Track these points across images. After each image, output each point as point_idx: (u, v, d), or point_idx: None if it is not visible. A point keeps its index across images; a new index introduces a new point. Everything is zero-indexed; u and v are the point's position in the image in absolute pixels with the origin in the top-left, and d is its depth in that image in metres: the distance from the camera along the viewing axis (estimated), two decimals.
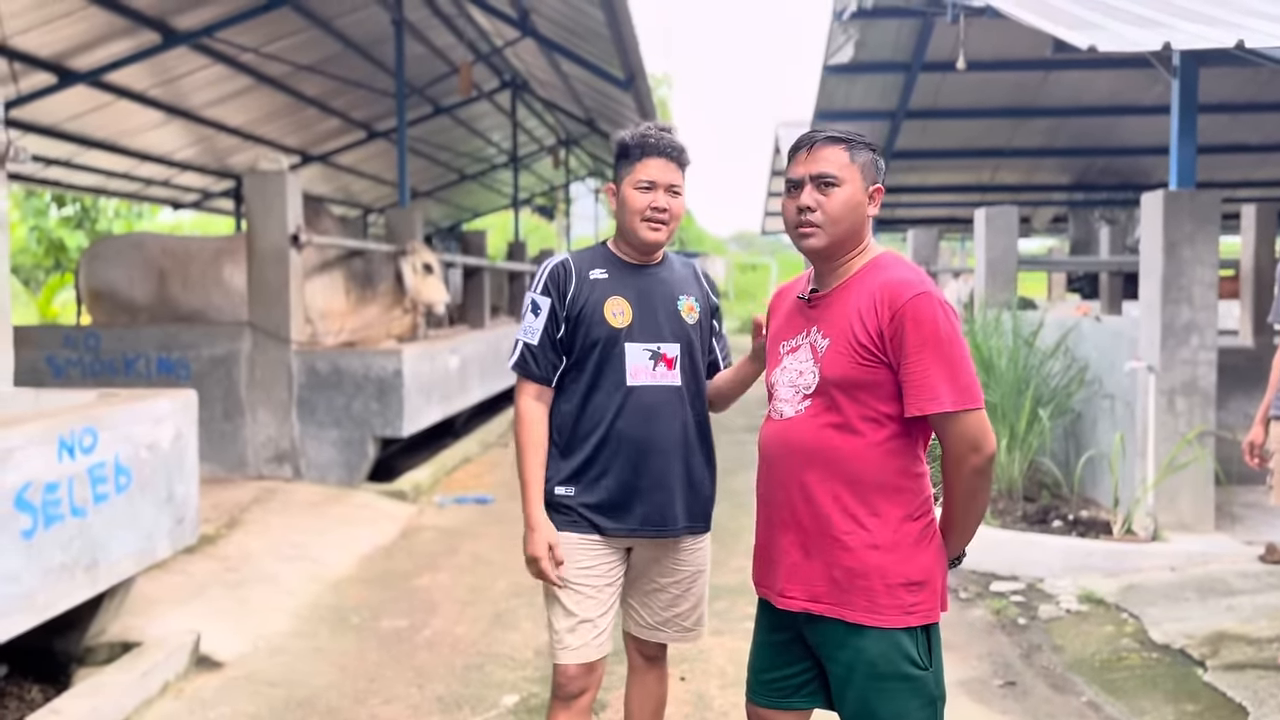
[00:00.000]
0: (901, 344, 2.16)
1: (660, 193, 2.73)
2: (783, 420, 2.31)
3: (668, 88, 37.99)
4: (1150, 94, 11.07)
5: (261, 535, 6.20)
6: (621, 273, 2.80)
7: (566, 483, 2.75)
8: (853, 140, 2.28)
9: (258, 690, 4.17)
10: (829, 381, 2.23)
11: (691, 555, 2.85)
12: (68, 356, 7.89)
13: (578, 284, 2.76)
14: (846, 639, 2.21)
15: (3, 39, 8.27)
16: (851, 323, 2.22)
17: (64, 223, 21.48)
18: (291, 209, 7.63)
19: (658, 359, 2.76)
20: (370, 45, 11.28)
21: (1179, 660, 4.34)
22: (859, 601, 2.19)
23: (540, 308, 2.76)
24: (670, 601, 2.85)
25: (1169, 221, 5.75)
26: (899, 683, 2.18)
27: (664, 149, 2.73)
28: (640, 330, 2.75)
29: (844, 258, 2.30)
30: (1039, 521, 6.15)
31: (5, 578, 3.38)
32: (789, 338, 2.37)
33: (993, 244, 8.93)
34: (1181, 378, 5.80)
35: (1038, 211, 17.85)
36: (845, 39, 10.46)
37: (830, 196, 2.24)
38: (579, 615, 2.73)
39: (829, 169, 2.25)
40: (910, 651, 2.19)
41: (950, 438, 2.20)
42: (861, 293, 2.24)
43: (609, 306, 2.74)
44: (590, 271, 2.78)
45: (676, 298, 2.82)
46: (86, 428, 3.84)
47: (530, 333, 2.77)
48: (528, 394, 2.78)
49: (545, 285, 2.77)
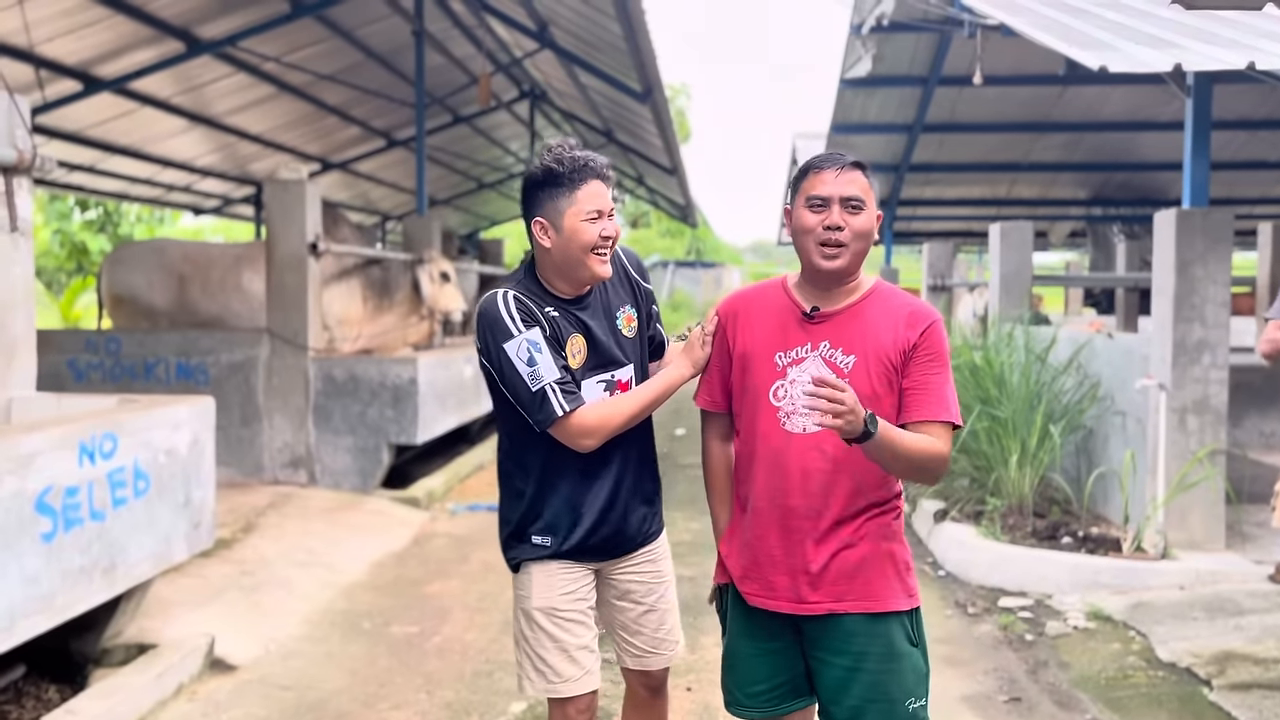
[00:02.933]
0: (922, 360, 2.34)
1: (606, 219, 2.54)
2: (806, 434, 2.34)
3: (685, 98, 38.08)
4: (1168, 109, 11.07)
5: (277, 540, 6.27)
6: (566, 310, 2.60)
7: (543, 534, 2.64)
8: (867, 166, 2.40)
9: (270, 693, 4.23)
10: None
11: (664, 563, 2.83)
12: (89, 361, 8.00)
13: (543, 320, 2.54)
14: (866, 628, 2.34)
15: (30, 46, 8.39)
16: (881, 342, 2.35)
17: (87, 226, 21.73)
18: (310, 217, 7.72)
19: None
20: (391, 55, 11.39)
21: (1185, 679, 4.35)
22: (886, 591, 2.35)
23: (539, 344, 2.50)
24: (659, 620, 2.78)
25: (1181, 240, 5.76)
26: (905, 662, 2.35)
27: (600, 171, 2.54)
28: (592, 364, 2.61)
29: (853, 278, 2.41)
30: (1048, 538, 6.15)
31: (25, 579, 3.45)
32: (787, 349, 2.39)
33: (1007, 259, 8.94)
34: (1193, 396, 5.80)
35: (1055, 226, 17.82)
36: (863, 53, 10.50)
37: (857, 218, 2.34)
38: (574, 643, 2.62)
39: (858, 192, 2.34)
40: (910, 631, 2.38)
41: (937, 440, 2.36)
42: (885, 313, 2.38)
43: (570, 347, 2.57)
44: (545, 308, 2.56)
45: (615, 315, 2.67)
46: (106, 433, 3.92)
47: (547, 371, 2.49)
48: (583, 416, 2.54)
49: (523, 319, 2.51)
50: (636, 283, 2.74)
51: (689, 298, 35.53)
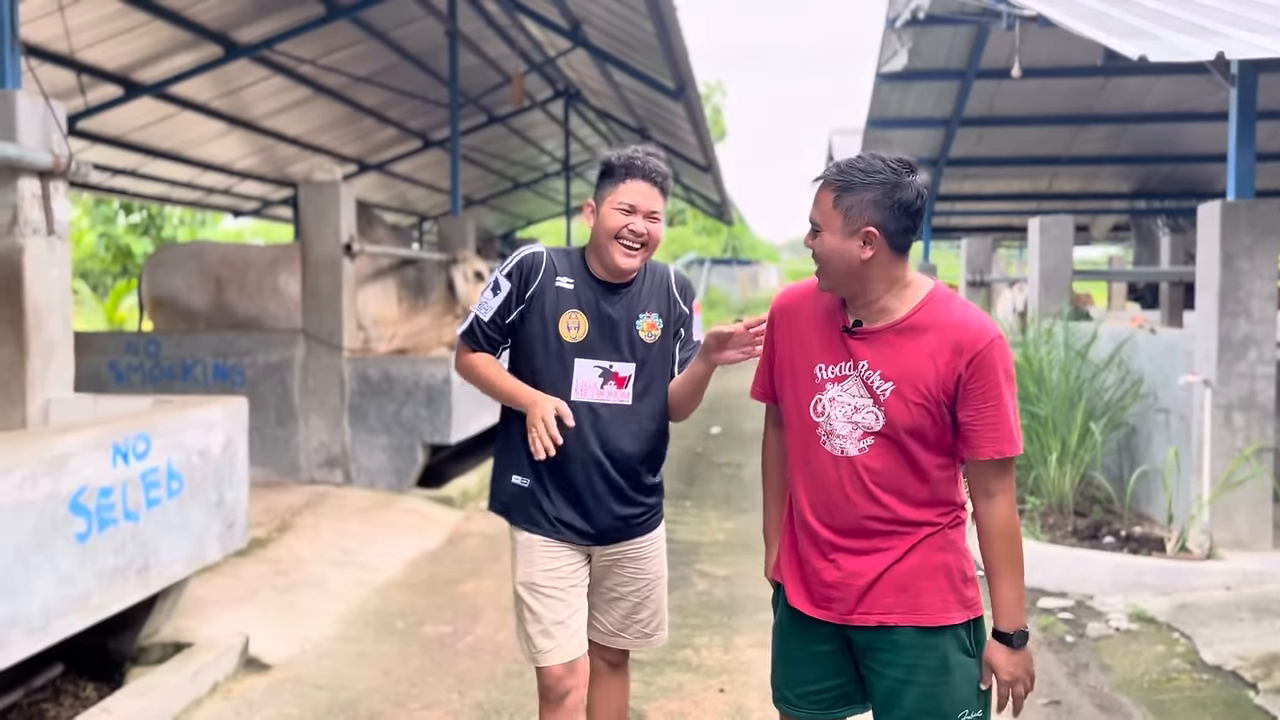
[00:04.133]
0: (974, 394, 2.20)
1: (639, 217, 2.71)
2: (846, 457, 2.28)
3: (721, 95, 37.97)
4: (1213, 100, 10.84)
5: (312, 540, 6.31)
6: (587, 287, 2.78)
7: (522, 475, 2.80)
8: (846, 183, 2.19)
9: (304, 692, 4.25)
10: (896, 426, 2.23)
11: (648, 563, 2.90)
12: (129, 362, 8.10)
13: (541, 283, 2.76)
14: (920, 641, 2.26)
15: (71, 52, 8.52)
16: (920, 371, 2.20)
17: (131, 230, 22.10)
18: (345, 218, 7.76)
19: (609, 377, 2.76)
20: (425, 56, 11.44)
21: (1230, 682, 4.24)
22: (936, 604, 2.27)
23: (500, 289, 2.78)
24: (630, 610, 2.91)
25: (1226, 233, 5.63)
26: (959, 673, 2.26)
27: (649, 173, 2.71)
28: (593, 348, 2.75)
29: (869, 299, 2.24)
30: (1089, 537, 6.04)
31: (60, 579, 3.49)
32: (828, 363, 2.30)
33: (1047, 254, 8.80)
34: (1239, 392, 5.67)
35: (1097, 220, 17.55)
36: (899, 47, 10.39)
37: (816, 241, 2.26)
38: (549, 618, 2.76)
39: (814, 213, 2.26)
40: (966, 643, 2.28)
41: (1004, 482, 2.27)
42: (929, 337, 2.21)
43: (565, 319, 2.75)
44: (558, 277, 2.77)
45: (636, 317, 2.79)
46: (140, 434, 3.95)
47: (485, 308, 2.80)
48: (468, 352, 2.84)
49: (511, 270, 2.78)
50: (675, 301, 2.86)
51: (725, 295, 35.42)
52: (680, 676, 4.39)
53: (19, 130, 4.33)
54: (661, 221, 2.77)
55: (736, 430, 11.71)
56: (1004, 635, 2.27)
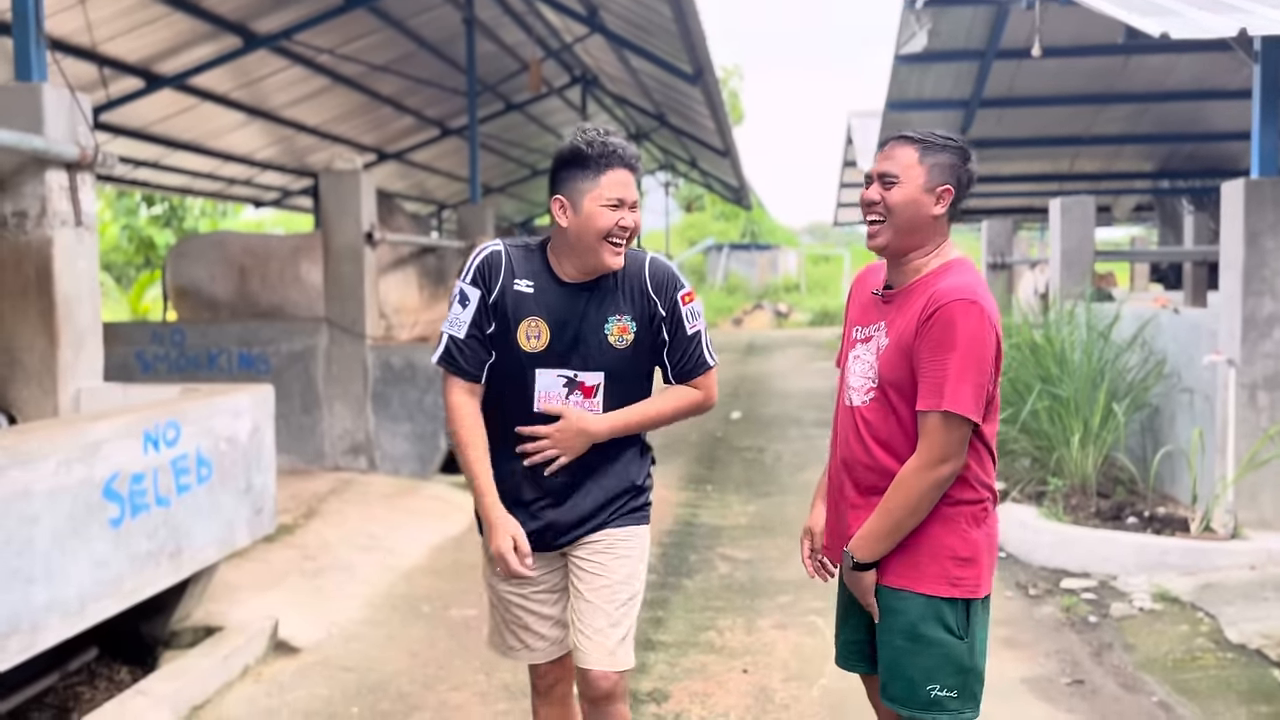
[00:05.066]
0: (926, 346, 2.27)
1: (626, 210, 2.48)
2: (853, 407, 2.43)
3: (739, 79, 37.80)
4: (1237, 78, 10.71)
5: (338, 525, 6.38)
6: (549, 291, 2.54)
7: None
8: (930, 141, 2.34)
9: (332, 675, 4.31)
10: (885, 380, 2.36)
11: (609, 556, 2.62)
12: (155, 352, 8.19)
13: (503, 286, 2.53)
14: (889, 600, 2.36)
15: (93, 45, 8.59)
16: (907, 326, 2.32)
17: (153, 221, 22.26)
18: (365, 207, 7.81)
19: (574, 387, 2.55)
20: (442, 44, 11.46)
21: (1255, 661, 4.24)
22: (903, 567, 2.34)
23: (469, 299, 2.53)
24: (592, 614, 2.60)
25: (1250, 211, 5.59)
26: (932, 647, 2.32)
27: (628, 160, 2.48)
28: (555, 356, 2.53)
29: (911, 257, 2.38)
30: (1113, 518, 6.03)
31: (95, 564, 3.55)
32: (863, 324, 2.46)
33: (1068, 234, 8.75)
34: (1263, 371, 5.64)
35: (1119, 200, 17.39)
36: (917, 27, 10.31)
37: (889, 192, 2.34)
38: (510, 619, 2.70)
39: (892, 167, 2.34)
40: (948, 619, 2.33)
41: (925, 438, 2.28)
42: (922, 295, 2.33)
43: (524, 327, 2.52)
44: (516, 281, 2.53)
45: (606, 320, 2.54)
46: (170, 421, 4.01)
47: (456, 325, 2.55)
48: (457, 389, 2.57)
49: (475, 276, 2.54)
50: (650, 299, 2.57)
51: (744, 281, 35.33)
52: (704, 658, 4.43)
53: (46, 123, 4.38)
54: (639, 210, 2.54)
55: (757, 415, 11.72)
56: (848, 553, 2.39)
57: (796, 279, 36.60)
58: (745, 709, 3.92)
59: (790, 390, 13.94)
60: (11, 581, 3.18)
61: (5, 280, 4.50)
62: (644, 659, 4.36)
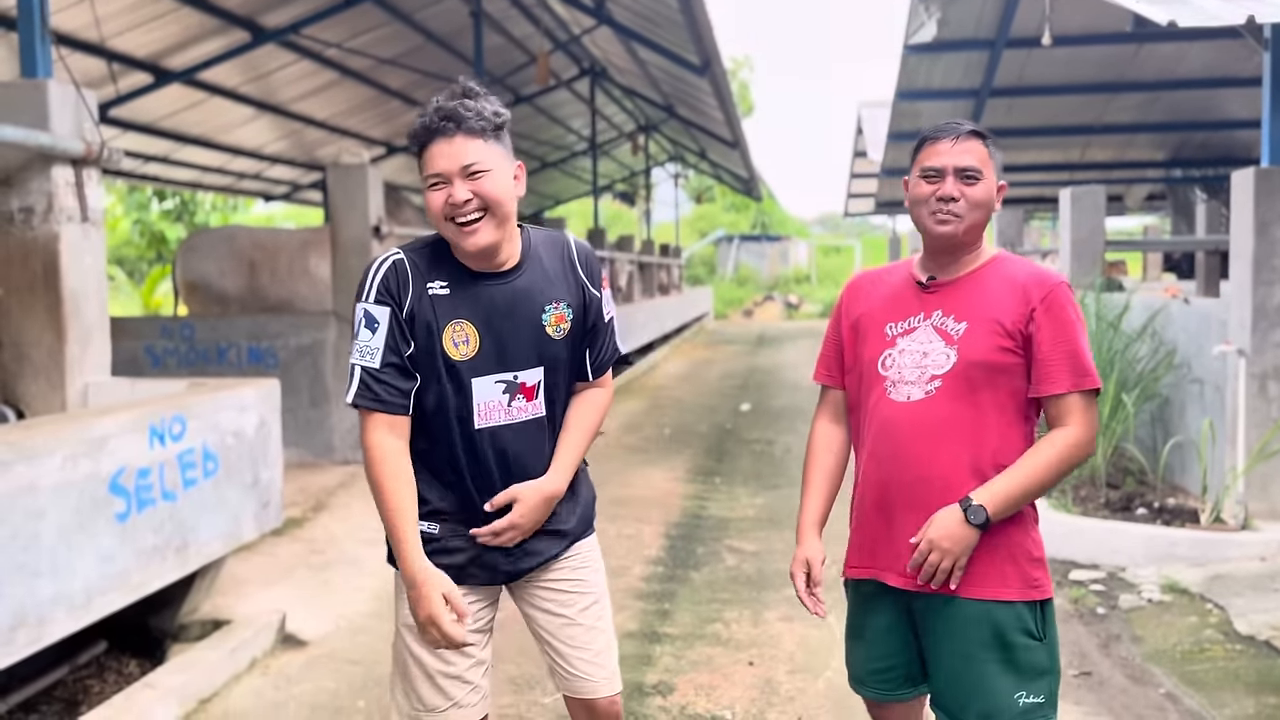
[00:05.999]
0: (1045, 329, 2.24)
1: (456, 183, 2.12)
2: (910, 403, 2.29)
3: (748, 70, 37.70)
4: (1249, 65, 10.64)
5: (345, 519, 6.40)
6: (466, 286, 2.21)
7: (428, 519, 2.27)
8: (989, 137, 2.35)
9: (339, 668, 4.33)
10: (969, 363, 2.26)
11: (588, 571, 2.43)
12: (165, 346, 8.22)
13: (414, 295, 2.18)
14: (973, 613, 2.23)
15: (101, 41, 8.62)
16: (997, 309, 2.27)
17: (164, 216, 22.37)
18: (373, 201, 7.82)
19: (514, 390, 2.24)
20: (450, 37, 11.47)
21: (1264, 652, 4.22)
22: (990, 576, 2.23)
23: (378, 321, 2.16)
24: (588, 636, 2.40)
25: (1260, 200, 5.55)
26: (1021, 654, 2.22)
27: (439, 129, 2.12)
28: (490, 360, 2.21)
29: (970, 248, 2.36)
30: (1122, 509, 6.00)
31: (101, 558, 3.57)
32: (898, 320, 2.37)
33: (1079, 224, 8.70)
34: (1274, 361, 5.60)
35: (1131, 189, 17.31)
36: (926, 17, 10.27)
37: (972, 189, 2.30)
38: (443, 669, 2.29)
39: (974, 163, 2.30)
40: (1029, 624, 2.24)
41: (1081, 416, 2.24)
42: (1004, 280, 2.30)
43: (450, 333, 2.18)
44: (429, 284, 2.19)
45: (542, 310, 2.25)
46: (176, 416, 4.02)
47: (367, 354, 2.16)
48: (377, 428, 2.18)
49: (379, 292, 2.17)
50: (582, 284, 2.32)
51: (755, 272, 35.28)
52: (709, 650, 4.43)
53: (51, 119, 4.40)
54: (493, 171, 2.15)
55: (766, 407, 11.71)
56: (969, 504, 2.20)
57: (807, 270, 36.55)
58: (751, 701, 3.91)
59: (800, 382, 13.92)
60: (18, 575, 3.20)
61: (12, 276, 4.53)
62: (650, 651, 4.37)
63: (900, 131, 12.71)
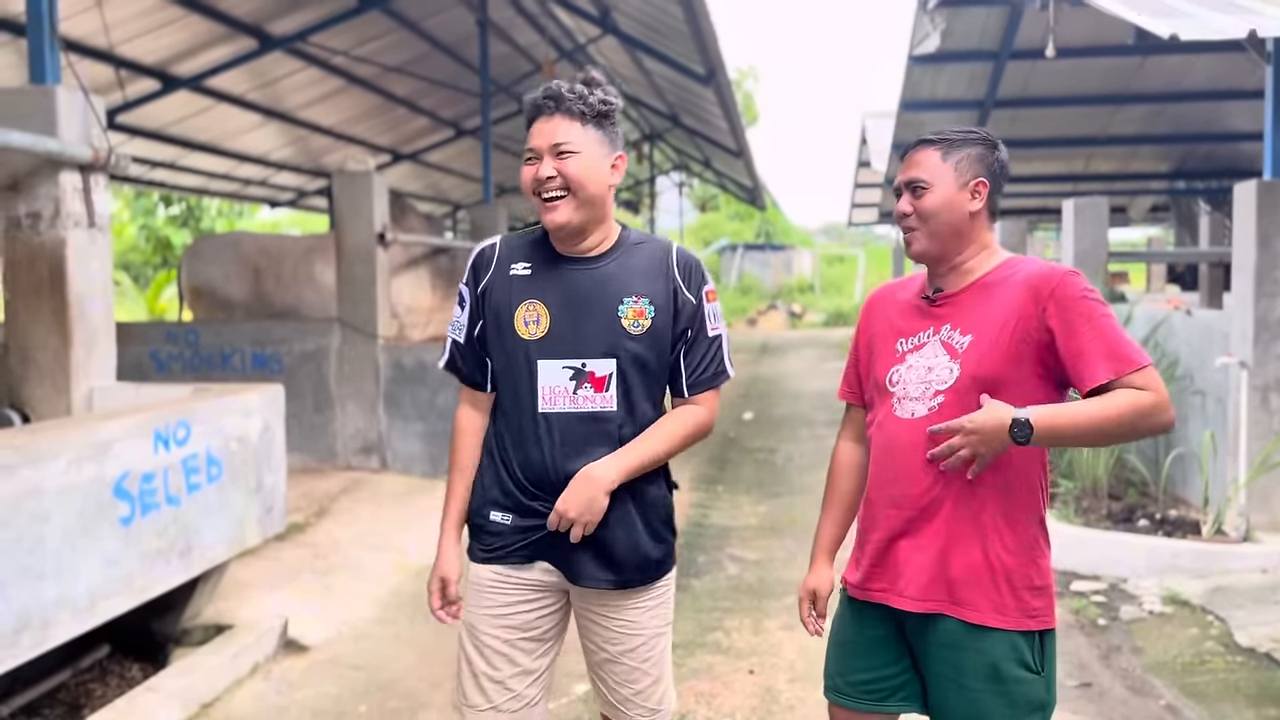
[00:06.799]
0: (1065, 323, 2.11)
1: (546, 160, 2.20)
2: (915, 419, 2.22)
3: (754, 80, 37.78)
4: (1254, 78, 10.63)
5: (349, 524, 6.42)
6: (548, 268, 2.26)
7: (499, 508, 2.32)
8: (949, 139, 2.24)
9: (341, 673, 4.34)
10: (972, 378, 2.16)
11: (642, 615, 2.33)
12: (170, 351, 8.25)
13: (494, 275, 2.29)
14: (965, 640, 2.16)
15: (110, 47, 8.67)
16: (1001, 316, 2.16)
17: (171, 221, 22.44)
18: (378, 208, 7.85)
19: (581, 378, 2.22)
20: (456, 45, 11.51)
21: (1265, 664, 4.22)
22: (985, 603, 2.16)
23: (465, 300, 2.32)
24: (627, 675, 2.35)
25: (1262, 213, 5.56)
26: (1013, 686, 2.14)
27: (542, 106, 2.22)
28: (559, 343, 2.22)
29: (959, 258, 2.25)
30: (1124, 520, 6.01)
31: (105, 561, 3.59)
32: (908, 335, 2.29)
33: (1081, 235, 8.70)
34: (1275, 374, 5.61)
35: (1135, 201, 17.31)
36: (931, 28, 10.29)
37: (921, 200, 2.23)
38: (488, 671, 2.30)
39: (919, 173, 2.24)
40: (1025, 655, 2.15)
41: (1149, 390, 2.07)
42: (1007, 285, 2.19)
43: (521, 312, 2.24)
44: (513, 265, 2.28)
45: (620, 300, 2.23)
46: (180, 421, 4.04)
47: (457, 328, 2.34)
48: (463, 400, 2.38)
49: (469, 274, 2.33)
50: (678, 286, 2.28)
51: (758, 281, 35.30)
52: (710, 658, 4.44)
53: (59, 125, 4.43)
54: (581, 154, 2.19)
55: (769, 416, 11.72)
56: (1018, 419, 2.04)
57: (811, 279, 36.55)
58: (751, 710, 3.92)
59: (803, 391, 13.93)
60: (23, 579, 3.22)
61: (19, 280, 4.55)
62: None
63: (904, 142, 12.72)
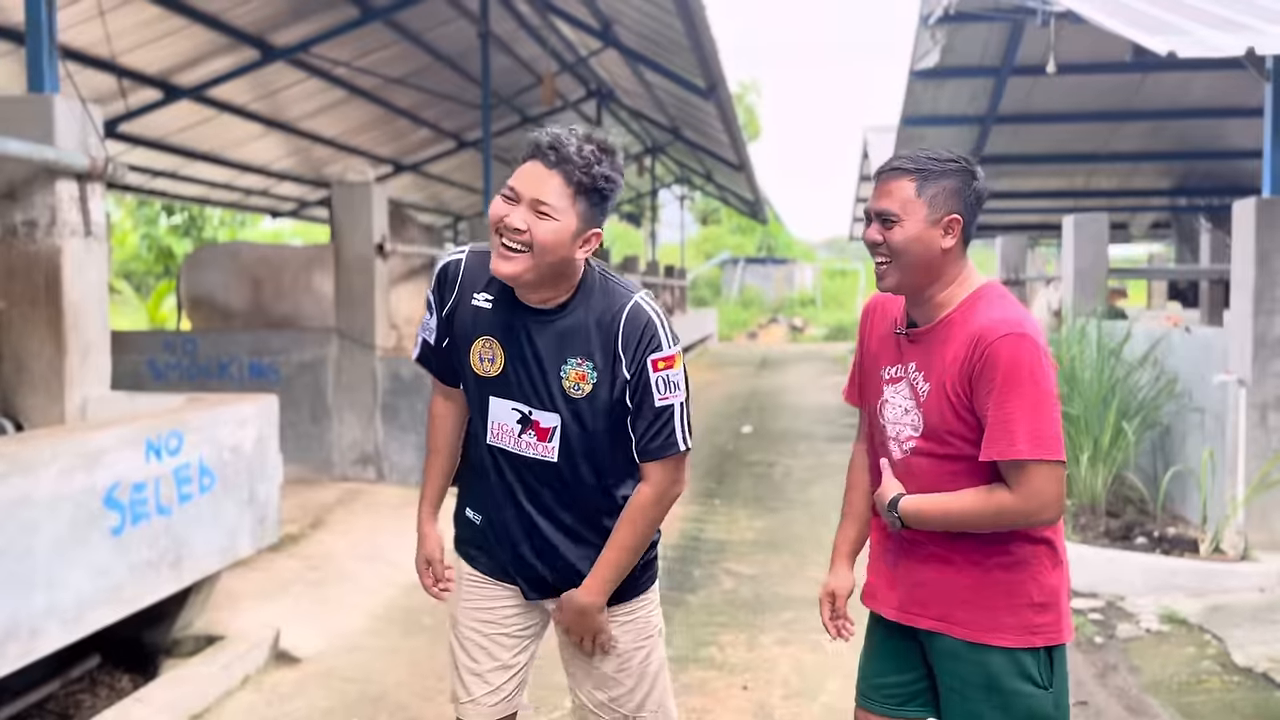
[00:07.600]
0: (984, 388, 2.06)
1: (521, 208, 2.08)
2: (895, 460, 2.24)
3: (755, 94, 37.88)
4: (1255, 95, 10.63)
5: (344, 536, 6.40)
6: (507, 308, 2.20)
7: (474, 507, 2.39)
8: (926, 169, 2.13)
9: (333, 686, 4.31)
10: (934, 429, 2.16)
11: (615, 630, 2.32)
12: (167, 360, 8.24)
13: (459, 299, 2.25)
14: (966, 654, 2.18)
15: (112, 57, 8.68)
16: (949, 370, 2.12)
17: (172, 231, 22.49)
18: (377, 219, 7.85)
19: (527, 425, 2.20)
20: (458, 57, 11.54)
21: (1261, 684, 4.19)
22: (982, 620, 2.17)
23: (432, 309, 2.32)
24: (602, 681, 2.37)
25: (1261, 230, 5.56)
26: (1015, 700, 2.15)
27: (544, 155, 2.08)
28: (508, 386, 2.20)
29: (930, 293, 2.18)
30: (1121, 538, 5.98)
31: (95, 571, 3.57)
32: (888, 365, 2.27)
33: (1082, 252, 8.71)
34: (1274, 391, 5.59)
35: (1135, 217, 17.33)
36: (932, 44, 10.32)
37: (890, 233, 2.14)
38: (468, 664, 2.37)
39: (890, 205, 2.13)
40: (1030, 670, 2.16)
41: (1019, 488, 2.06)
42: (961, 332, 2.12)
43: (478, 347, 2.22)
44: (475, 293, 2.23)
45: (564, 360, 2.17)
46: (173, 430, 4.03)
47: (427, 330, 2.34)
48: (437, 394, 2.41)
49: (434, 286, 2.30)
50: (617, 354, 2.16)
51: (760, 294, 35.33)
52: (703, 673, 4.41)
53: (57, 134, 4.43)
54: (559, 221, 2.07)
55: (768, 429, 11.70)
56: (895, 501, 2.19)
57: (812, 293, 36.59)
58: None
59: (802, 405, 13.91)
60: (11, 587, 3.20)
61: (14, 288, 4.55)
62: None
63: None
